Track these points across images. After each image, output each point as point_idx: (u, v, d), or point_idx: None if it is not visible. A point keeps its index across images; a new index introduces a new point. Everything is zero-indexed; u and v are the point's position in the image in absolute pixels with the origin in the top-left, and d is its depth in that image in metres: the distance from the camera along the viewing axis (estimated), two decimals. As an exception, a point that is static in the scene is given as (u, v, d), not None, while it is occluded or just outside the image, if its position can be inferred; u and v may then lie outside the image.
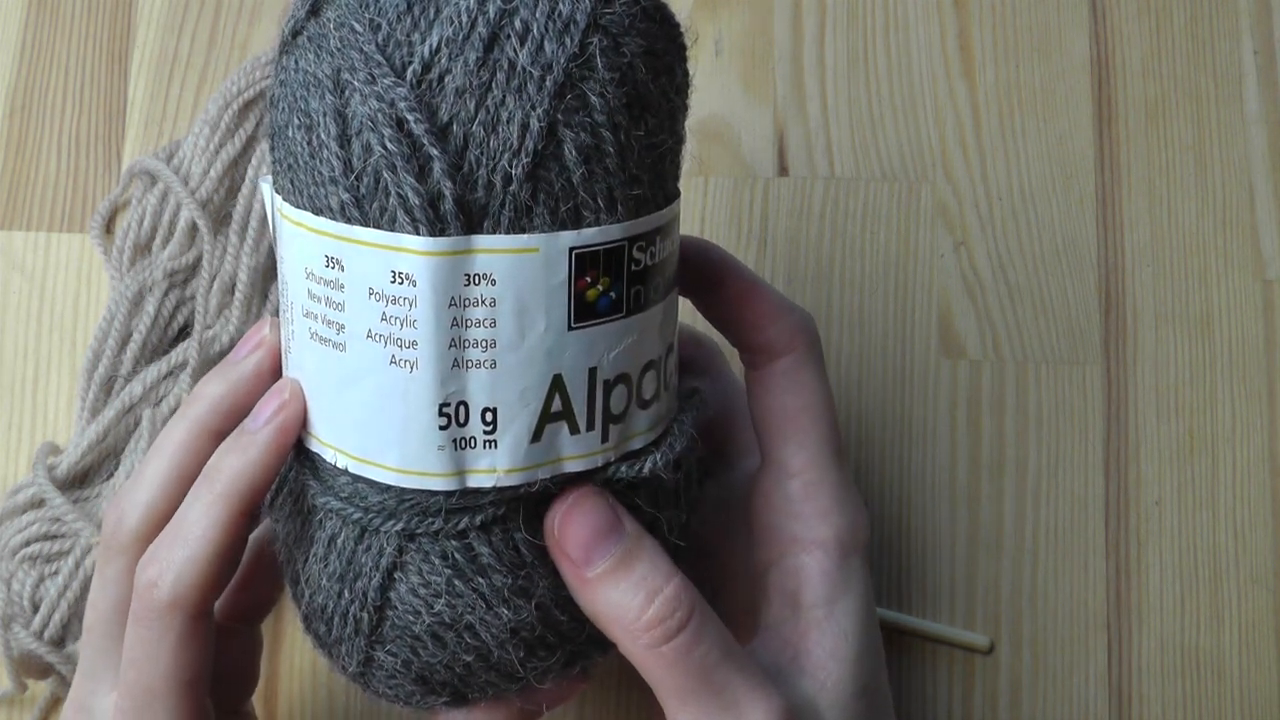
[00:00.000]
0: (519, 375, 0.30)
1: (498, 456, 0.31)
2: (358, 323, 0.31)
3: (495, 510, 0.31)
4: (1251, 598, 0.48)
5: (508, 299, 0.30)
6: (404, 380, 0.30)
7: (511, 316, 0.30)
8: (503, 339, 0.30)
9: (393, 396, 0.31)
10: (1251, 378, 0.50)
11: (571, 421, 0.31)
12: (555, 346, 0.31)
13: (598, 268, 0.31)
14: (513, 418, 0.31)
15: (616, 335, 0.31)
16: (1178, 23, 0.53)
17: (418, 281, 0.30)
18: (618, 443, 0.32)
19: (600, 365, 0.31)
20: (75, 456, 0.45)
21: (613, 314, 0.31)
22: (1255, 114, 0.52)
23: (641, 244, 0.31)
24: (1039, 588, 0.48)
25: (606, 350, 0.31)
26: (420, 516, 0.31)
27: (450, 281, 0.30)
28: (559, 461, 0.32)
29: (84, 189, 0.52)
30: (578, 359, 0.31)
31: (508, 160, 0.29)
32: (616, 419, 0.32)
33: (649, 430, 0.33)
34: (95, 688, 0.36)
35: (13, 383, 0.50)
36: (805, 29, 0.53)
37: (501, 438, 0.31)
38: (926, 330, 0.50)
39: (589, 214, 0.30)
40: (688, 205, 0.51)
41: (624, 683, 0.48)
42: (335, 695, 0.48)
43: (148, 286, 0.47)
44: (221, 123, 0.47)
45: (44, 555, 0.44)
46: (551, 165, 0.30)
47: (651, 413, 0.33)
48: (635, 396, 0.32)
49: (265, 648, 0.48)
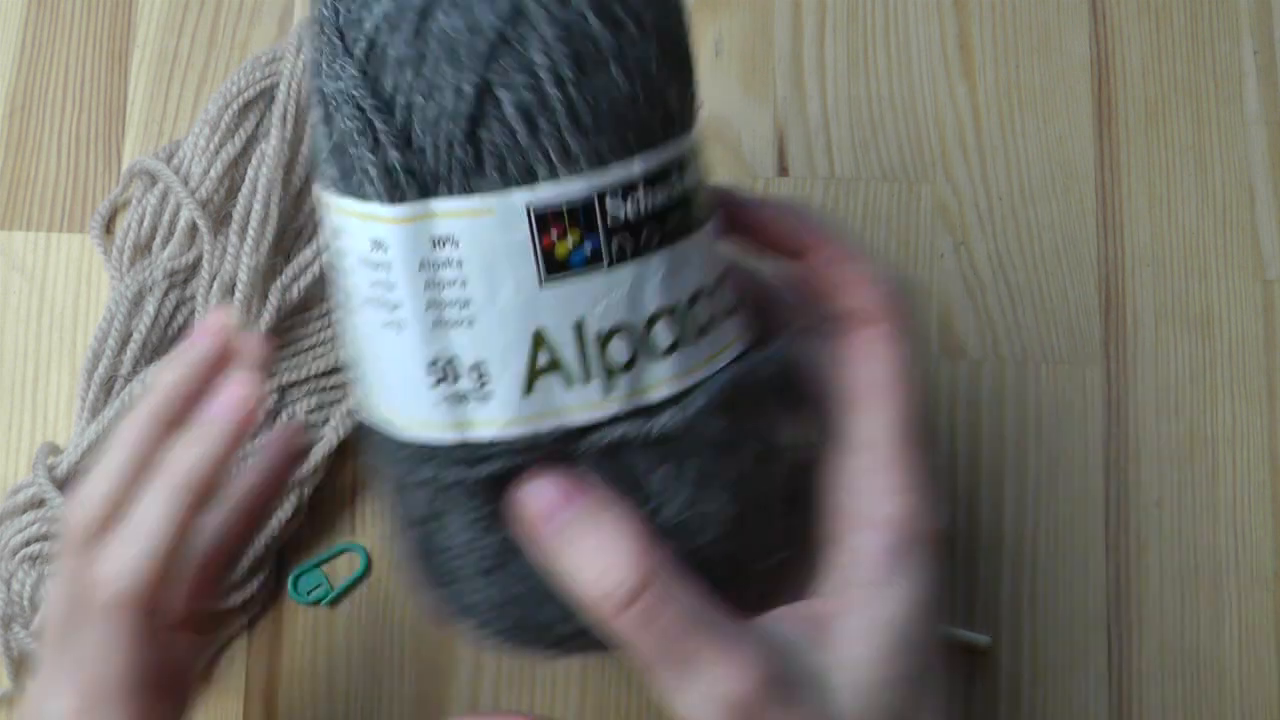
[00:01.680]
0: (498, 332, 0.31)
1: (493, 410, 0.32)
2: (358, 290, 0.32)
3: (509, 462, 0.32)
4: (1251, 598, 0.48)
5: (473, 260, 0.31)
6: (396, 341, 0.32)
7: (480, 276, 0.31)
8: (475, 298, 0.31)
9: (392, 357, 0.32)
10: (1251, 378, 0.50)
11: (565, 374, 0.32)
12: (529, 303, 0.31)
13: (563, 223, 0.31)
14: (501, 373, 0.31)
15: (602, 287, 0.31)
16: (1178, 23, 0.53)
17: (389, 248, 0.31)
18: (629, 393, 0.32)
19: (587, 318, 0.31)
20: (75, 456, 0.45)
21: (591, 267, 0.31)
22: (1255, 114, 0.52)
23: (619, 193, 0.31)
24: (1039, 588, 0.48)
25: (591, 303, 0.31)
26: (439, 468, 0.32)
27: (417, 245, 0.31)
28: (559, 413, 0.32)
29: (84, 189, 0.52)
30: (558, 313, 0.31)
31: (447, 125, 0.30)
32: (623, 369, 0.32)
33: (676, 378, 0.33)
34: (51, 689, 0.35)
35: (13, 383, 0.50)
36: (805, 29, 0.53)
37: (494, 392, 0.32)
38: (926, 330, 0.50)
39: (542, 170, 0.30)
40: (688, 205, 0.51)
41: (622, 684, 0.48)
42: (335, 695, 0.48)
43: (148, 286, 0.47)
44: (221, 123, 0.47)
45: (44, 555, 0.44)
46: (492, 125, 0.30)
47: (677, 360, 0.32)
48: (645, 345, 0.32)
49: (265, 647, 0.48)
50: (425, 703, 0.48)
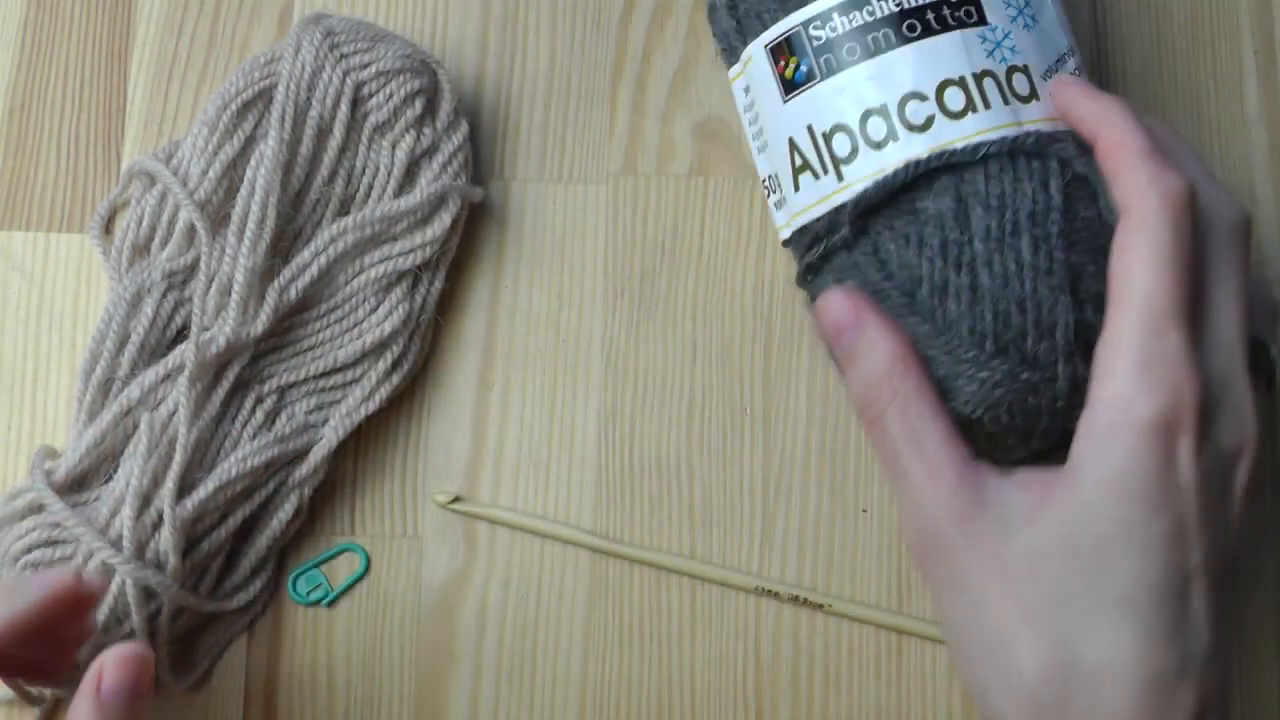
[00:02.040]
0: (775, 148, 0.43)
1: (784, 212, 0.43)
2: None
3: (811, 256, 0.42)
4: (1251, 598, 0.48)
5: (757, 98, 0.43)
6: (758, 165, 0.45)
7: (761, 109, 0.43)
8: (763, 127, 0.43)
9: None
10: (1251, 378, 0.50)
11: (811, 170, 0.42)
12: (780, 117, 0.42)
13: (785, 52, 0.42)
14: (781, 179, 0.43)
15: (826, 95, 0.41)
16: (1178, 23, 0.53)
17: (736, 100, 0.45)
18: (854, 181, 0.41)
19: (815, 122, 0.41)
20: (74, 460, 0.45)
21: (809, 82, 0.41)
22: (1255, 114, 0.52)
23: (817, 23, 0.41)
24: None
25: (816, 111, 0.41)
26: (796, 261, 0.44)
27: (741, 96, 0.44)
28: (808, 209, 0.42)
29: (83, 189, 0.52)
30: (796, 122, 0.42)
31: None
32: (845, 160, 0.41)
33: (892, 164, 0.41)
34: None
35: (12, 383, 0.50)
36: (805, 28, 0.53)
37: (785, 199, 0.43)
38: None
39: (768, 16, 0.42)
40: (688, 205, 0.51)
41: (623, 684, 0.48)
42: (335, 695, 0.48)
43: (146, 288, 0.47)
44: (220, 123, 0.47)
45: (45, 563, 0.44)
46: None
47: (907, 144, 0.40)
48: (862, 138, 0.40)
49: (265, 647, 0.48)
50: (425, 703, 0.48)
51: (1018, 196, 0.39)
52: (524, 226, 0.51)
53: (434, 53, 0.52)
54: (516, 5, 0.53)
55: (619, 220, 0.51)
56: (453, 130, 0.49)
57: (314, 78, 0.47)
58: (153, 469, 0.44)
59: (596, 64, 0.52)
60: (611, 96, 0.52)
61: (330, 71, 0.47)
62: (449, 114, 0.49)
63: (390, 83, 0.47)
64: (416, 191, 0.47)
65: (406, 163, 0.48)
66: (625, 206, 0.51)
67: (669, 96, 0.52)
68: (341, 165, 0.48)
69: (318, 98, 0.47)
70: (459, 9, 0.53)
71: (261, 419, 0.47)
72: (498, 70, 0.52)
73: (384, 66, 0.47)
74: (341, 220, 0.47)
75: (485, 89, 0.52)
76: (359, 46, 0.47)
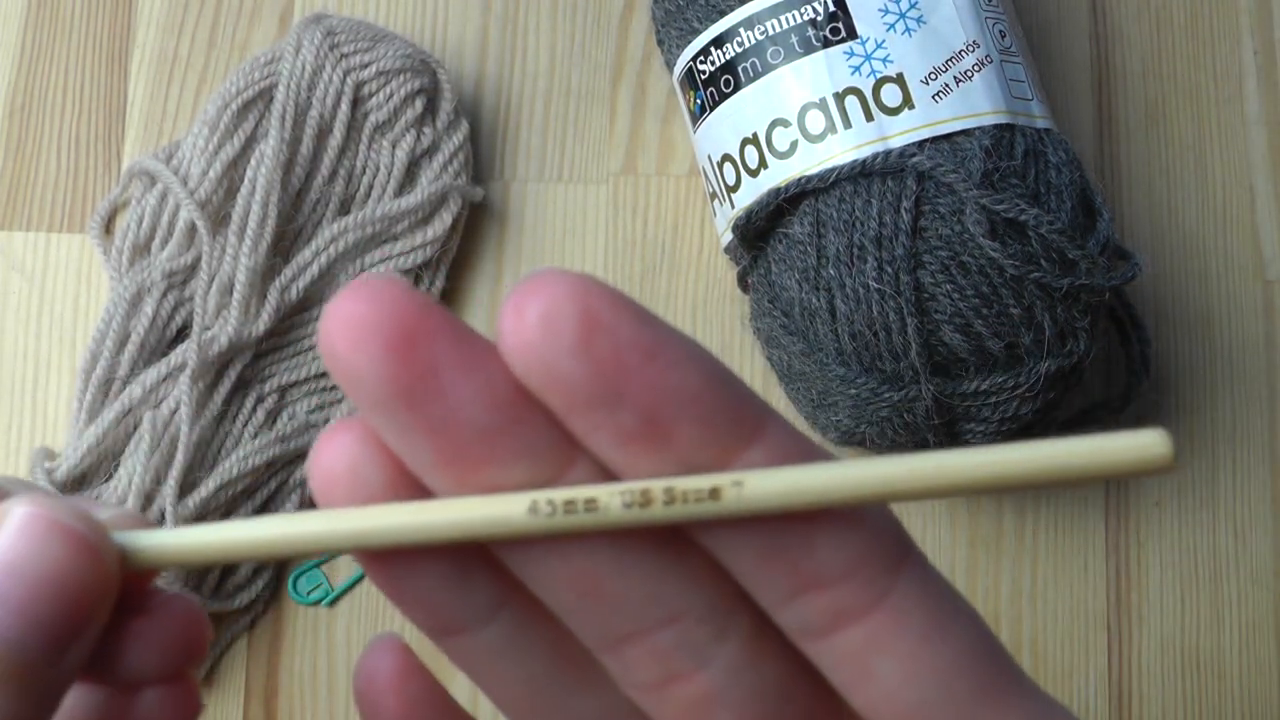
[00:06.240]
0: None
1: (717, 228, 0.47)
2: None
3: (738, 265, 0.46)
4: (1251, 598, 0.48)
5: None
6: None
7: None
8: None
9: None
10: (1251, 378, 0.50)
11: (717, 197, 0.45)
12: (697, 145, 0.46)
13: (687, 86, 0.45)
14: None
15: (715, 125, 0.43)
16: (1178, 23, 0.53)
17: None
18: (739, 208, 0.44)
19: (712, 152, 0.44)
20: (74, 460, 0.45)
21: (704, 113, 0.44)
22: (1255, 114, 0.52)
23: (701, 57, 0.43)
24: (1039, 588, 0.48)
25: (710, 140, 0.44)
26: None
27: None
28: (722, 233, 0.46)
29: (84, 189, 0.52)
30: (701, 151, 0.45)
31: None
32: (733, 188, 0.43)
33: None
34: None
35: (12, 383, 0.50)
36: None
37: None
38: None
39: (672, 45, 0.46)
40: (688, 206, 0.51)
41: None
42: (335, 695, 0.48)
43: (146, 287, 0.47)
44: (220, 123, 0.47)
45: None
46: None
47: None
48: (742, 166, 0.42)
49: (265, 647, 0.48)
50: (425, 703, 0.48)
51: (866, 219, 0.39)
52: (524, 226, 0.51)
53: (434, 53, 0.52)
54: (516, 5, 0.53)
55: (619, 220, 0.51)
56: (453, 130, 0.49)
57: (314, 77, 0.47)
58: (155, 467, 0.44)
59: (596, 64, 0.52)
60: (611, 96, 0.52)
61: (330, 71, 0.47)
62: (449, 114, 0.49)
63: (390, 82, 0.47)
64: (417, 191, 0.47)
65: (407, 162, 0.48)
66: (625, 206, 0.51)
67: (669, 96, 0.52)
68: (342, 165, 0.48)
69: (318, 97, 0.47)
70: (459, 9, 0.53)
71: (263, 418, 0.47)
72: (498, 70, 0.53)
73: (384, 66, 0.47)
74: (342, 219, 0.47)
75: (485, 89, 0.52)
76: (359, 46, 0.47)
